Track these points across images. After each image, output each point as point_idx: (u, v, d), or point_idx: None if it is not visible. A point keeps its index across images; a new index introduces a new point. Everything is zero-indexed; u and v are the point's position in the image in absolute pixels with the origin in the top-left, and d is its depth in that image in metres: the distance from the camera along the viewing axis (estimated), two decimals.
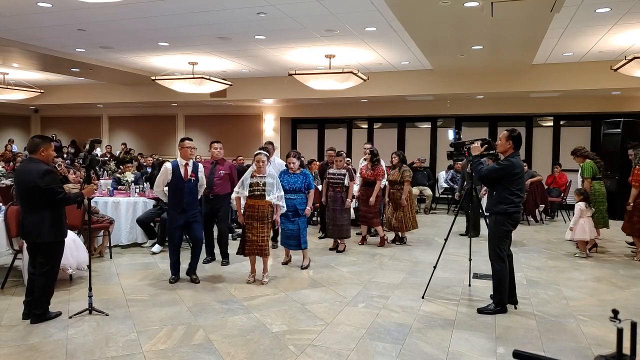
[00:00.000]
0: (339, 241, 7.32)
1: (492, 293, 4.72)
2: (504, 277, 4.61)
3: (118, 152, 14.52)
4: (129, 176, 8.28)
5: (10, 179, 8.26)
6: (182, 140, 5.61)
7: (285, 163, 6.50)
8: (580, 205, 7.12)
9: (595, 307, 4.88)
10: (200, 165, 5.74)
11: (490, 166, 4.65)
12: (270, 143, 7.59)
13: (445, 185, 11.91)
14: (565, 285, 5.63)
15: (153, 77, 10.20)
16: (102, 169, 11.80)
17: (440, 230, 8.62)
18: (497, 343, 3.94)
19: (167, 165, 5.53)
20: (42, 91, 12.29)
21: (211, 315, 4.53)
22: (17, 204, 5.34)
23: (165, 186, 5.63)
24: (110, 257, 6.71)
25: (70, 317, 4.37)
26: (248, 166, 6.51)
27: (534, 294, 5.26)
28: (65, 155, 12.78)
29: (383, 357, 3.67)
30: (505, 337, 4.08)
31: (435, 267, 5.17)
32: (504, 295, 4.65)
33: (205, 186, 5.93)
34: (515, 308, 4.74)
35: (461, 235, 8.42)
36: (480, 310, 4.63)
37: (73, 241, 5.43)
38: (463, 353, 3.76)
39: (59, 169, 5.65)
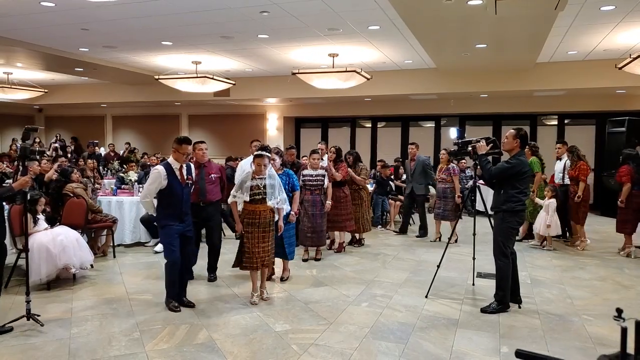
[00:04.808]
0: (317, 249, 6.72)
1: (495, 292, 4.70)
2: (507, 274, 4.62)
3: (122, 152, 14.54)
4: (133, 175, 8.29)
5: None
6: (180, 142, 4.66)
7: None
8: (553, 203, 7.31)
9: (599, 306, 4.85)
10: (192, 166, 4.99)
11: (500, 165, 4.65)
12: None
13: None
14: (569, 284, 5.60)
15: (156, 77, 10.22)
16: (105, 168, 11.82)
17: (444, 229, 8.57)
18: (501, 342, 3.92)
19: (160, 170, 4.58)
20: (45, 91, 12.30)
21: (214, 314, 4.53)
22: (20, 204, 5.37)
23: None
24: (114, 257, 6.71)
25: (6, 325, 4.03)
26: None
27: (538, 293, 5.24)
28: (69, 155, 12.79)
29: (386, 357, 3.65)
30: (509, 336, 4.06)
31: (439, 266, 5.16)
32: (506, 292, 4.65)
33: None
34: (519, 307, 4.72)
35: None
36: (484, 310, 4.62)
37: (76, 240, 5.45)
38: (467, 352, 3.74)
39: None
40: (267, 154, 4.88)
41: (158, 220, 4.74)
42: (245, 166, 6.85)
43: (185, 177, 4.70)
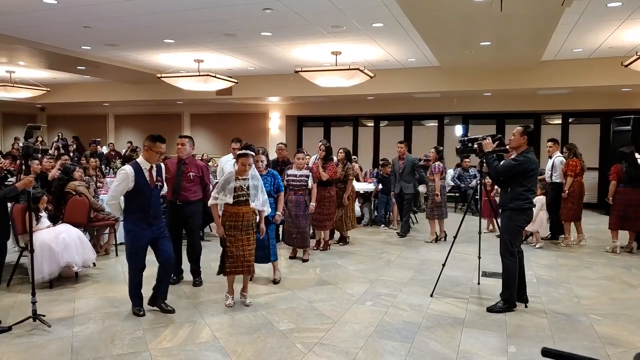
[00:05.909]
0: (304, 250, 6.55)
1: (501, 291, 4.66)
2: (514, 272, 4.57)
3: (124, 151, 14.52)
4: None
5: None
6: (154, 140, 4.33)
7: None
8: (541, 199, 7.31)
9: (607, 305, 4.80)
10: (163, 166, 4.63)
11: (507, 162, 4.61)
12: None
13: (452, 184, 11.80)
14: (576, 283, 5.55)
15: (159, 75, 10.20)
16: (107, 167, 11.80)
17: (447, 228, 8.53)
18: (508, 342, 3.87)
19: (128, 170, 4.24)
20: (48, 89, 12.30)
21: (217, 313, 4.49)
22: (23, 202, 5.33)
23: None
24: (116, 255, 6.68)
25: (10, 327, 3.96)
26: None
27: (544, 292, 5.18)
28: (71, 154, 12.77)
29: (392, 356, 3.61)
30: (517, 335, 4.01)
31: (444, 265, 5.11)
32: (513, 291, 4.60)
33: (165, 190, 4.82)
34: (526, 307, 4.66)
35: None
36: (490, 309, 4.57)
37: (79, 238, 5.41)
38: (474, 352, 3.69)
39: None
40: (252, 152, 4.65)
41: (124, 224, 4.40)
42: (224, 164, 6.79)
43: (155, 178, 4.36)
